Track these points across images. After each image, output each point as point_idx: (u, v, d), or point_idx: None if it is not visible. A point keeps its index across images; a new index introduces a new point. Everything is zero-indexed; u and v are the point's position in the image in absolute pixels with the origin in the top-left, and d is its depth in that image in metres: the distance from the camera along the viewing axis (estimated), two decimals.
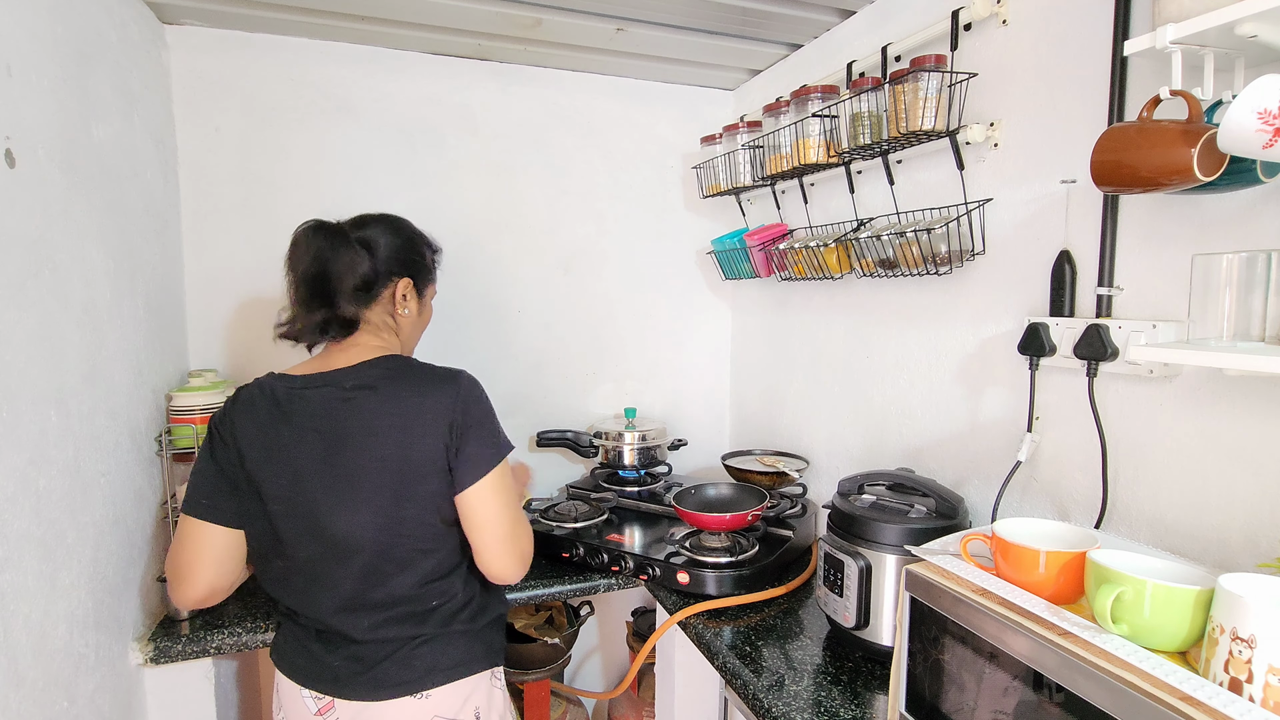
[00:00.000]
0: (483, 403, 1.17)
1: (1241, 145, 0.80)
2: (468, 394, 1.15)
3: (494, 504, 1.13)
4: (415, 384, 1.14)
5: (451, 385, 1.14)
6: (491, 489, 1.13)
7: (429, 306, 1.36)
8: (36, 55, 1.13)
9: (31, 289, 1.08)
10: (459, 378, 1.17)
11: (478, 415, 1.14)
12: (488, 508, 1.12)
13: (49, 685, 1.08)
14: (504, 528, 1.13)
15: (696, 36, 1.90)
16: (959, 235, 1.42)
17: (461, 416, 1.12)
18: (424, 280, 1.32)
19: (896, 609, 1.06)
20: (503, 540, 1.13)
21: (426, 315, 1.36)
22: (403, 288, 1.26)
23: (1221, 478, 1.03)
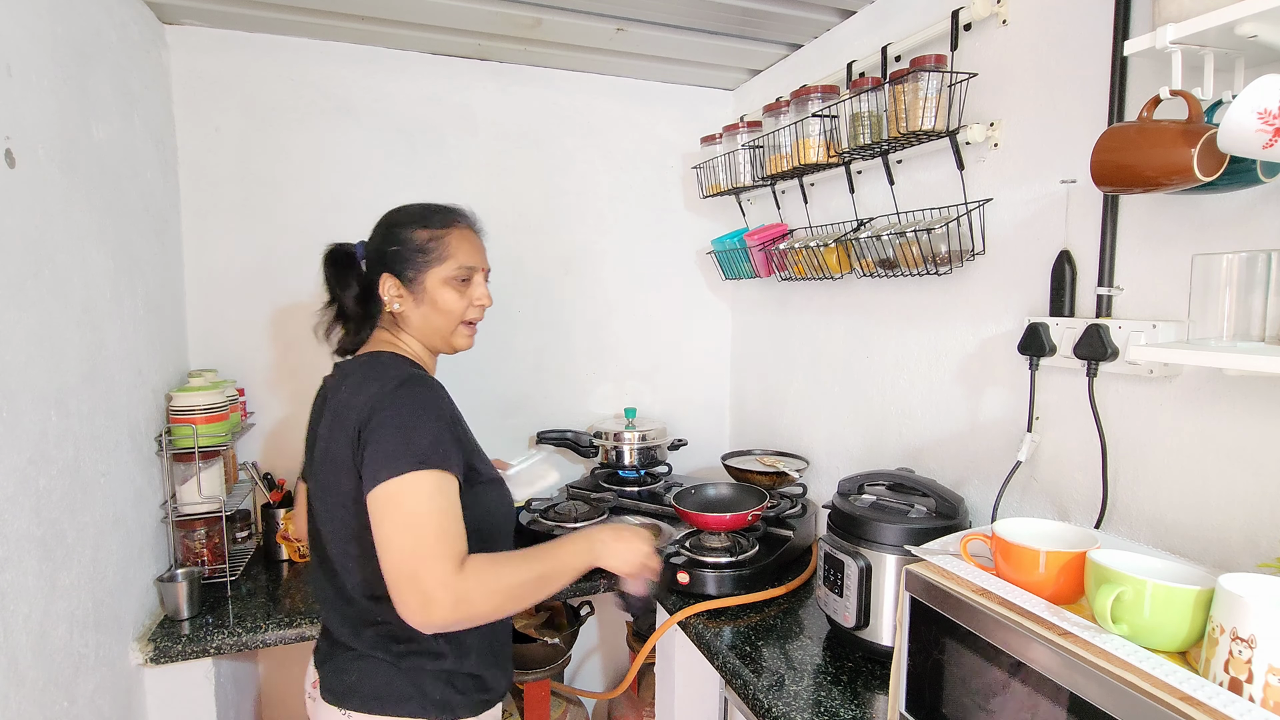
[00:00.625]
0: (402, 406, 1.02)
1: (1241, 145, 0.80)
2: (390, 394, 1.03)
3: (381, 527, 0.96)
4: (359, 379, 1.09)
5: (378, 384, 1.05)
6: (379, 509, 0.96)
7: (443, 291, 1.17)
8: (36, 55, 1.13)
9: (31, 289, 1.08)
10: (394, 379, 1.06)
11: (389, 417, 1.01)
12: (378, 526, 0.97)
13: (49, 685, 1.08)
14: (389, 558, 0.95)
15: (696, 36, 1.90)
16: (959, 235, 1.42)
17: (371, 415, 1.01)
18: (408, 268, 1.16)
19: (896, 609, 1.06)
20: (390, 571, 0.95)
21: (443, 301, 1.17)
22: (385, 284, 1.17)
23: (1221, 478, 1.03)
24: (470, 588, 0.96)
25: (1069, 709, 0.76)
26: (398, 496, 0.96)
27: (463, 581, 0.95)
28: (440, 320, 1.18)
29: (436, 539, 0.96)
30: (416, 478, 0.97)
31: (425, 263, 1.16)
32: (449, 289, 1.17)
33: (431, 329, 1.19)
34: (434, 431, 1.01)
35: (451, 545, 0.97)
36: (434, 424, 1.02)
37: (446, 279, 1.17)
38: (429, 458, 0.98)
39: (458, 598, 0.94)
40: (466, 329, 1.22)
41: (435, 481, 0.98)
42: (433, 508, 0.97)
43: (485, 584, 0.98)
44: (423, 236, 1.16)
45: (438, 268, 1.16)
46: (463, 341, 1.23)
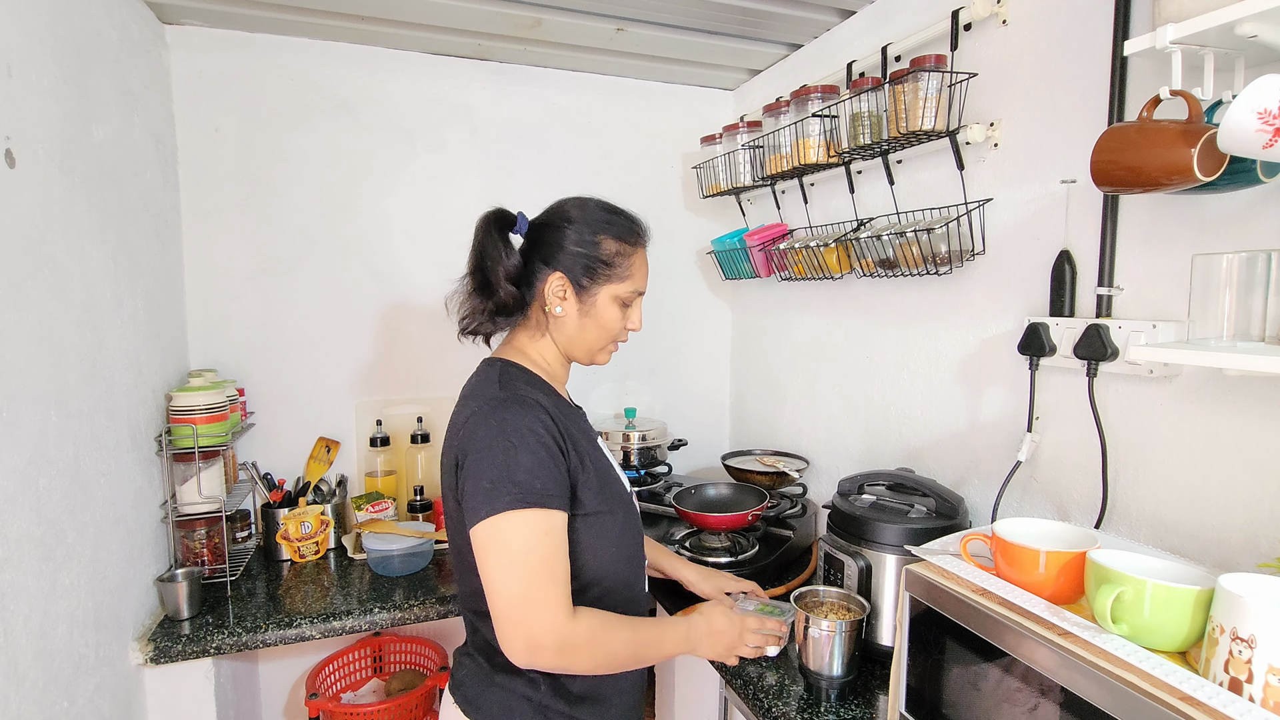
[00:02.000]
0: (497, 434, 0.95)
1: (1241, 145, 0.80)
2: (484, 419, 0.97)
3: (485, 565, 0.93)
4: (467, 393, 1.05)
5: (476, 403, 1.00)
6: (481, 546, 0.93)
7: (610, 308, 1.09)
8: (36, 55, 1.13)
9: (31, 289, 1.08)
10: (491, 400, 0.99)
11: (484, 445, 0.95)
12: (482, 564, 0.94)
13: (49, 685, 1.08)
14: (496, 598, 0.92)
15: (696, 36, 1.90)
16: (959, 235, 1.42)
17: (468, 440, 0.97)
18: (584, 275, 1.07)
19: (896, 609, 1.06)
20: (496, 611, 0.92)
21: (607, 318, 1.10)
22: (553, 283, 1.07)
23: (1221, 478, 1.03)
24: (580, 640, 0.93)
25: (1069, 709, 0.76)
26: (500, 537, 0.92)
27: (573, 632, 0.92)
28: (595, 335, 1.11)
29: (547, 584, 0.91)
30: (519, 517, 0.92)
31: (605, 275, 1.08)
32: (616, 307, 1.10)
33: (582, 341, 1.12)
34: (531, 463, 0.94)
35: (561, 590, 0.93)
36: (532, 455, 0.94)
37: (617, 297, 1.09)
38: (530, 495, 0.92)
39: (564, 645, 0.91)
40: (611, 348, 1.16)
41: (539, 521, 0.92)
42: (539, 550, 0.92)
43: (594, 641, 0.94)
44: (612, 248, 1.08)
45: (616, 285, 1.09)
46: (604, 358, 1.16)
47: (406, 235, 2.05)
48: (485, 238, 1.08)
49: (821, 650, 1.19)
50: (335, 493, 1.94)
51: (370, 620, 1.54)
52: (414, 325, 2.08)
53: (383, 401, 2.06)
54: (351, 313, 2.01)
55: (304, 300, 1.96)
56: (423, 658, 2.01)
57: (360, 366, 2.04)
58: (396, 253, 2.05)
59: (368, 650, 2.00)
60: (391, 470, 2.02)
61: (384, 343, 2.06)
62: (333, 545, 1.87)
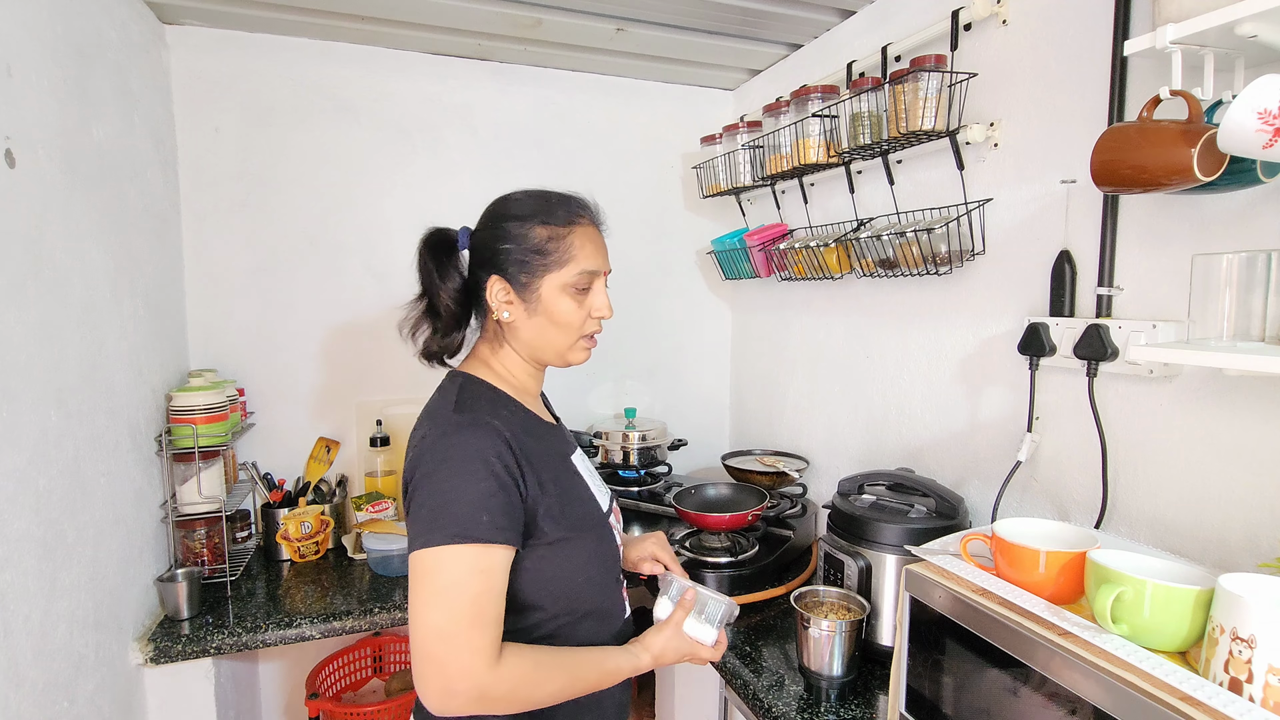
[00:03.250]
0: (444, 461, 0.89)
1: (1241, 145, 0.80)
2: (434, 444, 0.91)
3: (411, 597, 0.86)
4: (425, 411, 1.00)
5: (430, 425, 0.95)
6: (412, 577, 0.87)
7: (560, 300, 1.00)
8: (36, 55, 1.13)
9: (31, 289, 1.08)
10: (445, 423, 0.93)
11: (430, 471, 0.89)
12: (412, 594, 0.87)
13: (49, 685, 1.08)
14: (415, 634, 0.85)
15: (696, 36, 1.90)
16: (959, 235, 1.42)
17: (416, 465, 0.91)
18: (521, 271, 0.99)
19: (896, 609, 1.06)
20: (417, 646, 0.85)
21: (560, 311, 1.00)
22: (493, 288, 1.00)
23: (1221, 477, 1.03)
24: (500, 691, 0.85)
25: (1069, 709, 0.76)
26: (430, 571, 0.85)
27: (493, 682, 0.85)
28: (555, 334, 1.02)
29: (470, 625, 0.84)
30: (454, 552, 0.85)
31: (542, 266, 0.99)
32: (567, 298, 1.00)
33: (545, 343, 1.03)
34: (476, 494, 0.87)
35: (486, 635, 0.85)
36: (479, 484, 0.88)
37: (565, 285, 0.99)
38: (468, 529, 0.86)
39: (481, 694, 0.84)
40: (585, 342, 1.06)
41: (474, 558, 0.86)
42: (469, 588, 0.85)
43: (517, 691, 0.87)
44: (541, 235, 0.99)
45: (556, 272, 0.99)
46: (579, 356, 1.07)
47: (406, 235, 2.02)
48: (422, 262, 1.04)
49: (821, 650, 1.19)
50: (335, 493, 1.94)
51: (370, 620, 1.54)
52: None
53: (383, 401, 2.06)
54: (351, 313, 2.01)
55: (304, 300, 1.96)
56: None
57: (360, 366, 2.04)
58: (396, 253, 2.05)
59: (368, 650, 2.00)
60: (391, 470, 2.02)
61: (384, 343, 2.06)
62: (333, 545, 1.87)
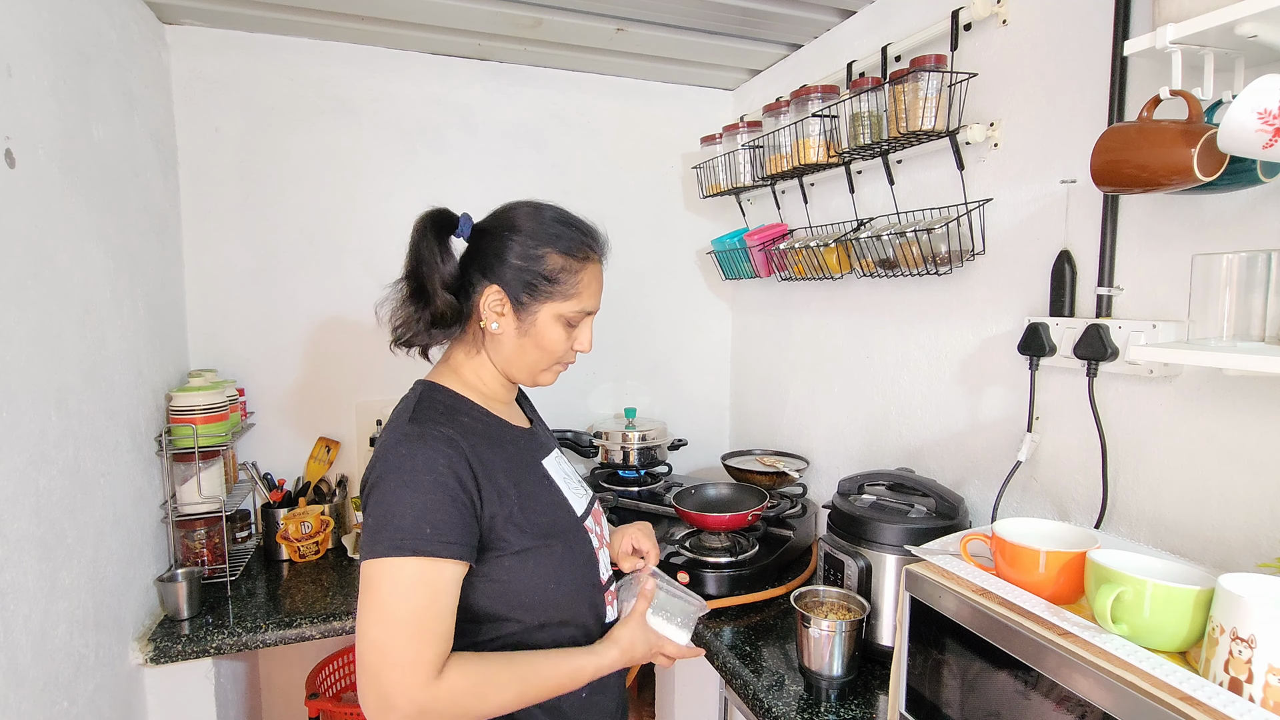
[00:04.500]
0: (393, 471, 0.87)
1: (1241, 145, 0.80)
2: (387, 453, 0.89)
3: (361, 606, 0.85)
4: (390, 419, 0.98)
5: (389, 433, 0.93)
6: (362, 584, 0.85)
7: (552, 327, 1.00)
8: (36, 55, 1.13)
9: (31, 289, 1.08)
10: (399, 433, 0.91)
11: (380, 482, 0.87)
12: (359, 605, 0.85)
13: (49, 685, 1.08)
14: (362, 643, 0.83)
15: (696, 36, 1.90)
16: (959, 235, 1.42)
17: (366, 476, 0.90)
18: (524, 291, 0.98)
19: (896, 609, 1.06)
20: (359, 657, 0.83)
21: (549, 338, 1.00)
22: (489, 297, 0.99)
23: (1221, 478, 1.03)
24: (440, 705, 0.83)
25: (1069, 709, 0.76)
26: (374, 582, 0.84)
27: (432, 697, 0.82)
28: (536, 356, 1.02)
29: (408, 640, 0.82)
30: (395, 565, 0.83)
31: (547, 293, 0.98)
32: (559, 327, 1.00)
33: (522, 361, 1.02)
34: (422, 506, 0.85)
35: (426, 650, 0.83)
36: (425, 496, 0.86)
37: (560, 316, 1.00)
38: (410, 541, 0.83)
39: (420, 710, 0.82)
40: (558, 368, 1.07)
41: (416, 571, 0.83)
42: (409, 604, 0.83)
43: (459, 703, 0.84)
44: (555, 264, 0.98)
45: (559, 303, 0.99)
46: (548, 379, 1.07)
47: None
48: (421, 240, 1.00)
49: (821, 650, 1.19)
50: (335, 493, 1.94)
51: None
52: None
53: (383, 401, 2.06)
54: (351, 313, 2.01)
55: (304, 300, 1.96)
56: None
57: (360, 366, 2.04)
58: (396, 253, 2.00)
59: None
60: None
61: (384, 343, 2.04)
62: (333, 545, 1.87)
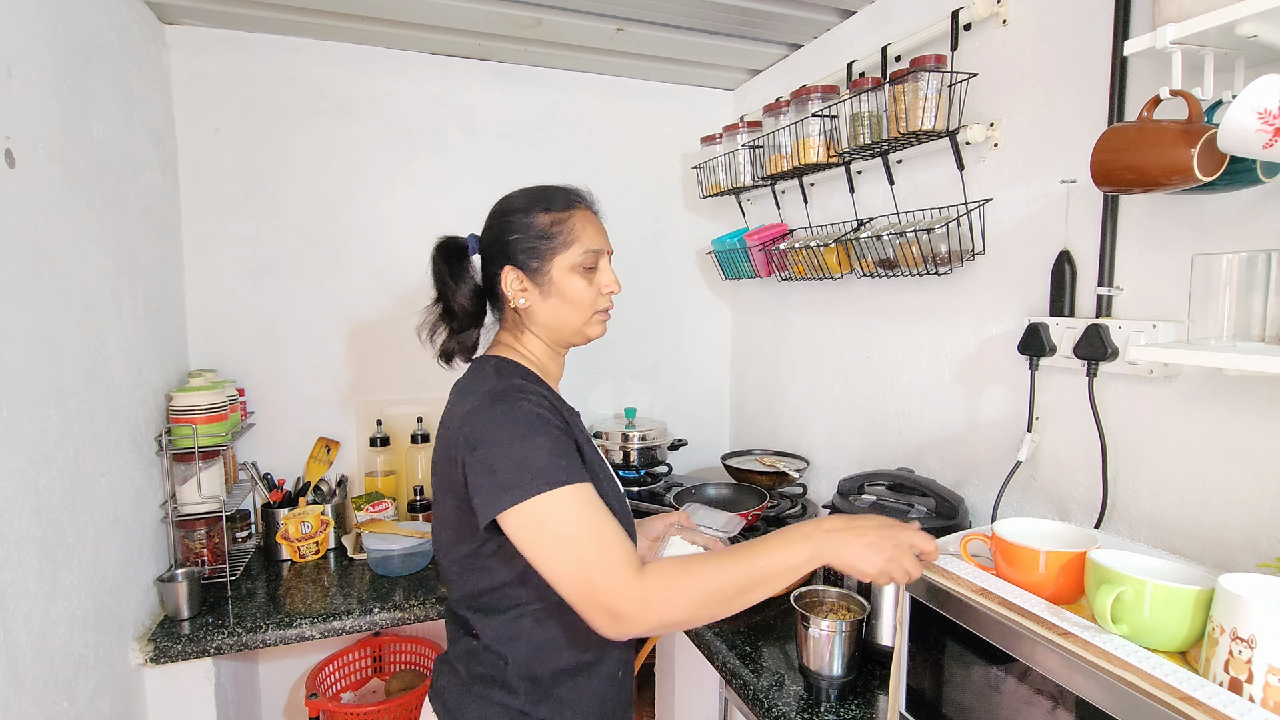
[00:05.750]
0: (504, 426, 0.93)
1: (1241, 145, 0.80)
2: (485, 413, 0.95)
3: (534, 555, 0.90)
4: (459, 393, 1.04)
5: (472, 399, 0.98)
6: (524, 533, 0.90)
7: (570, 279, 1.06)
8: (36, 55, 1.13)
9: (31, 289, 1.08)
10: (486, 394, 0.98)
11: (493, 439, 0.93)
12: (531, 556, 0.91)
13: (49, 685, 1.08)
14: (562, 584, 0.89)
15: (696, 36, 1.90)
16: (959, 235, 1.42)
17: (469, 437, 0.95)
18: (531, 257, 1.06)
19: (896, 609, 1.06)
20: (569, 597, 0.89)
21: (572, 290, 1.07)
22: (508, 278, 1.07)
23: (1221, 478, 1.03)
24: (654, 594, 0.87)
25: (1069, 709, 0.76)
26: (537, 524, 0.89)
27: (644, 589, 0.87)
28: (570, 312, 1.08)
29: (599, 552, 0.88)
30: (550, 498, 0.89)
31: (550, 249, 1.05)
32: (577, 276, 1.06)
33: (561, 322, 1.09)
34: (550, 447, 0.92)
35: (618, 552, 0.88)
36: (546, 436, 0.93)
37: (573, 266, 1.06)
38: (557, 474, 0.90)
39: (644, 604, 0.86)
40: (600, 316, 1.12)
41: (572, 497, 0.90)
42: (581, 523, 0.89)
43: (671, 589, 0.88)
44: (544, 221, 1.06)
45: (563, 254, 1.06)
46: (596, 330, 1.13)
47: (406, 235, 2.05)
48: (435, 269, 1.10)
49: (821, 650, 1.19)
50: (335, 493, 1.94)
51: (370, 620, 1.54)
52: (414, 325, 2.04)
53: (383, 401, 2.06)
54: (351, 313, 2.01)
55: (304, 300, 1.96)
56: (423, 658, 2.01)
57: (360, 366, 2.04)
58: (396, 253, 2.05)
59: (368, 650, 2.00)
60: (391, 470, 2.02)
61: (384, 342, 2.06)
62: (333, 545, 1.87)
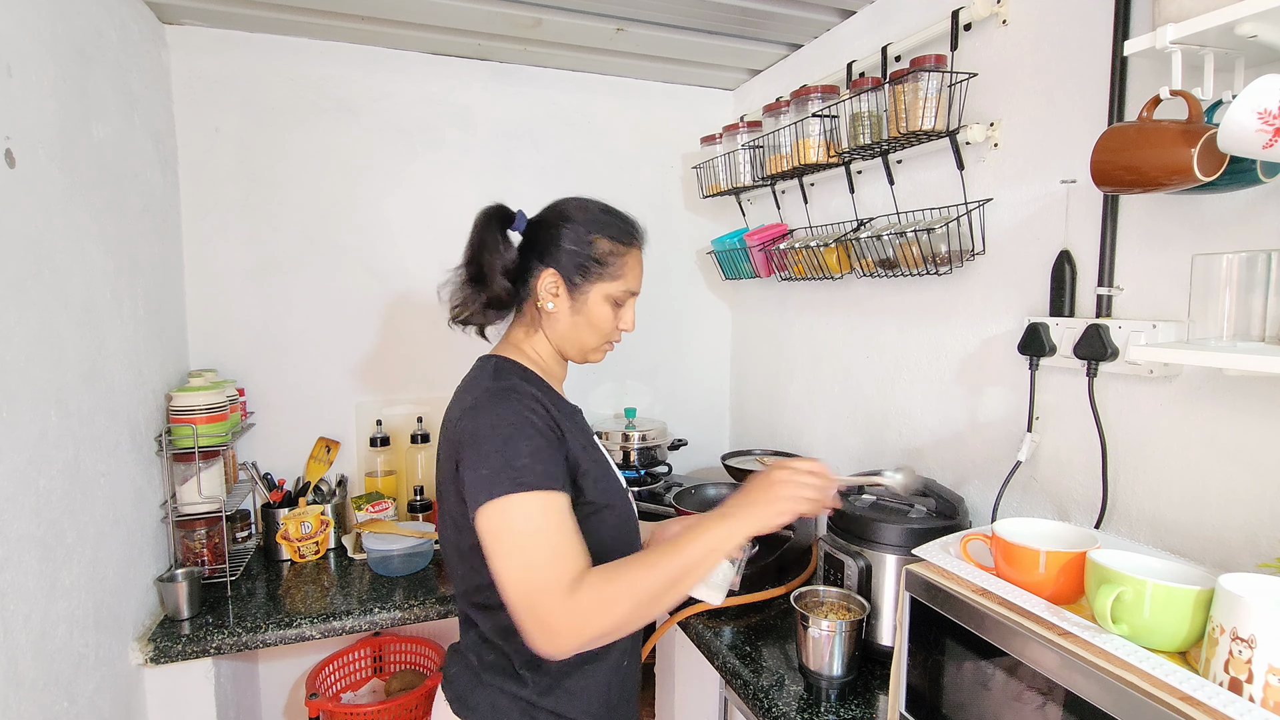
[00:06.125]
0: (492, 423, 0.96)
1: (1241, 145, 0.80)
2: (480, 410, 0.98)
3: (493, 551, 0.91)
4: (461, 390, 1.07)
5: (471, 397, 1.01)
6: (487, 534, 0.92)
7: (601, 307, 1.10)
8: (36, 55, 1.13)
9: (31, 289, 1.08)
10: (484, 391, 1.01)
11: (482, 435, 0.95)
12: (488, 554, 0.92)
13: (49, 685, 1.08)
14: (507, 590, 0.90)
15: (696, 36, 1.90)
16: (959, 235, 1.42)
17: (463, 433, 0.98)
18: (577, 273, 1.08)
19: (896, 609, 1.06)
20: (510, 604, 0.90)
21: (598, 317, 1.10)
22: (546, 279, 1.08)
23: (1221, 477, 1.03)
24: (587, 607, 0.88)
25: (1069, 709, 0.76)
26: (502, 521, 0.91)
27: (579, 603, 0.87)
28: (587, 334, 1.12)
29: (548, 565, 0.89)
30: (519, 500, 0.91)
31: (597, 274, 1.09)
32: (608, 306, 1.11)
33: (575, 339, 1.12)
34: (529, 449, 0.94)
35: (568, 568, 0.89)
36: (528, 442, 0.95)
37: (609, 296, 1.10)
38: (529, 478, 0.92)
39: (578, 621, 0.87)
40: (606, 347, 1.17)
41: (539, 502, 0.92)
42: (540, 530, 0.90)
43: (603, 598, 0.89)
44: (604, 247, 1.09)
45: (607, 283, 1.09)
46: (598, 357, 1.17)
47: (406, 235, 2.05)
48: (484, 232, 1.10)
49: (821, 650, 1.19)
50: (335, 493, 1.94)
51: (370, 620, 1.54)
52: (414, 325, 2.08)
53: (383, 401, 2.06)
54: (351, 312, 2.01)
55: (304, 300, 1.96)
56: (423, 658, 2.01)
57: (360, 366, 2.04)
58: (396, 252, 2.05)
59: (368, 650, 2.00)
60: (391, 470, 2.02)
61: (384, 343, 2.06)
62: (333, 545, 1.87)
